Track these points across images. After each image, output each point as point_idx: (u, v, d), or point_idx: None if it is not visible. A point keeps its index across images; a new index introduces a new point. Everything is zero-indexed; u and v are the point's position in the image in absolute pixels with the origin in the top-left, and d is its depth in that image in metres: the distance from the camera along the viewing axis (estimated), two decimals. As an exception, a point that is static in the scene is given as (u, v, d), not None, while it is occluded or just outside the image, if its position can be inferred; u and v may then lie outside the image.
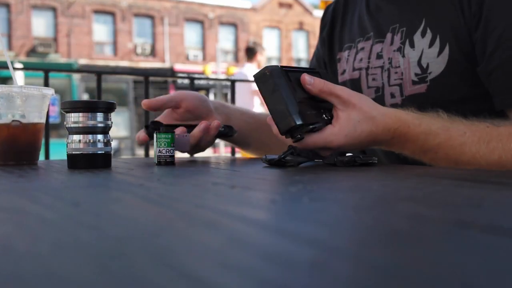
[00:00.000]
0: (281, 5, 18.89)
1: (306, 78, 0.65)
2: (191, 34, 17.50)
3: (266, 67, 0.66)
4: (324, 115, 0.66)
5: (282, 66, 0.66)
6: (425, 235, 0.23)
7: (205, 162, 0.80)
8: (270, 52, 17.58)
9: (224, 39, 17.94)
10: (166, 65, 16.51)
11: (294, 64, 17.45)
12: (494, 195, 0.36)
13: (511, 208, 0.31)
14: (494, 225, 0.24)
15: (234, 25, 18.11)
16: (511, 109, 0.71)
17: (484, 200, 0.33)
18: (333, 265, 0.17)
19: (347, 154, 0.66)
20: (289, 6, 18.95)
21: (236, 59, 17.80)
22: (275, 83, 0.64)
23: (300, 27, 19.20)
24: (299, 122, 0.62)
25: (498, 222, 0.25)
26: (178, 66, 16.36)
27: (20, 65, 9.04)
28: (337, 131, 0.65)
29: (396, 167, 0.65)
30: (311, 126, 0.64)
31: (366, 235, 0.23)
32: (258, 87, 0.67)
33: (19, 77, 7.36)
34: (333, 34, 1.02)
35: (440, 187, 0.41)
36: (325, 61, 1.04)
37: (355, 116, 0.65)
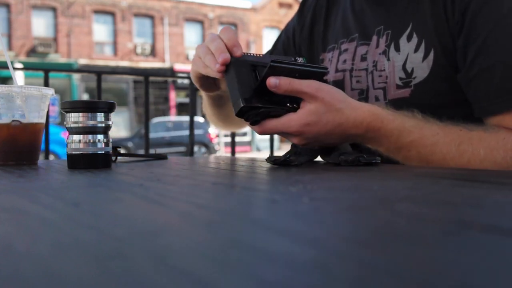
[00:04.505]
0: (281, 5, 18.88)
1: (271, 81, 0.63)
2: (191, 34, 17.49)
3: (232, 58, 0.67)
4: (288, 104, 0.66)
5: (273, 61, 0.65)
6: (424, 235, 0.23)
7: (205, 162, 0.80)
8: (270, 52, 17.54)
9: (224, 39, 17.91)
10: (166, 65, 16.51)
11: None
12: (494, 195, 0.36)
13: (511, 208, 0.31)
14: (494, 225, 0.24)
15: (234, 25, 18.10)
16: (489, 116, 0.71)
17: (484, 200, 0.33)
18: (333, 265, 0.18)
19: (351, 154, 0.66)
20: (289, 6, 18.93)
21: (236, 59, 17.76)
22: (235, 71, 0.65)
23: (300, 27, 19.16)
24: (246, 103, 0.63)
25: (498, 222, 0.25)
26: (178, 66, 16.36)
27: (20, 65, 9.05)
28: (297, 118, 0.65)
29: (396, 167, 0.65)
30: (262, 109, 0.64)
31: (366, 235, 0.23)
32: (224, 78, 0.68)
33: (19, 77, 7.37)
34: (313, 32, 1.01)
35: (439, 187, 0.41)
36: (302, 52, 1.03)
37: (321, 108, 0.65)
